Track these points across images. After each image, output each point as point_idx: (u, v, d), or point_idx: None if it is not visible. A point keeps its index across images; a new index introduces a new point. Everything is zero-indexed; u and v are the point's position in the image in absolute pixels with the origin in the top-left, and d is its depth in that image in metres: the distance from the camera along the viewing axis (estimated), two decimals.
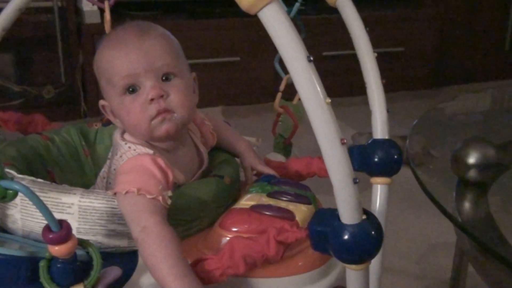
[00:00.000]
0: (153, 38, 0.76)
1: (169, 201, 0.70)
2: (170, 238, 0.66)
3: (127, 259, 0.70)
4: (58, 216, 0.59)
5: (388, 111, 0.83)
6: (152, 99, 0.75)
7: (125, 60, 0.75)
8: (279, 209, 0.74)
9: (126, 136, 0.80)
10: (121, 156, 0.76)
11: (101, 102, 0.82)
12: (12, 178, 0.59)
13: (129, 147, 0.77)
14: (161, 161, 0.74)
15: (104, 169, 0.87)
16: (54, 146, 0.90)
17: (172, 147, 0.81)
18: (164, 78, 0.76)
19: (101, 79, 0.79)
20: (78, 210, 0.70)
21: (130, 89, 0.76)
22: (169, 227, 0.68)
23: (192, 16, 2.61)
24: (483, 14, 3.10)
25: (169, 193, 0.71)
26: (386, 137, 0.83)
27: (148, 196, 0.69)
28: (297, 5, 0.94)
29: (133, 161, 0.75)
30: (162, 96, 0.75)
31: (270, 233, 0.66)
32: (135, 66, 0.75)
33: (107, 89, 0.78)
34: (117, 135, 0.81)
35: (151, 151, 0.76)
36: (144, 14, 2.57)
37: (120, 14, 2.33)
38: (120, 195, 0.69)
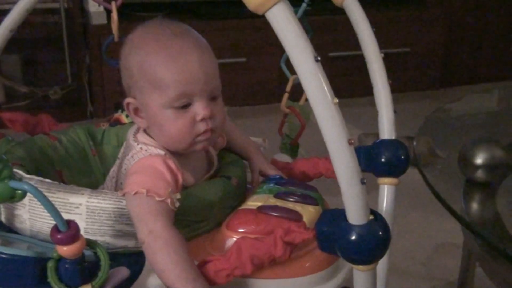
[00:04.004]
0: (208, 54, 0.76)
1: (177, 204, 0.70)
2: (178, 242, 0.66)
3: (134, 260, 0.70)
4: (66, 216, 0.59)
5: (395, 111, 0.83)
6: (203, 119, 0.75)
7: (186, 76, 0.73)
8: (286, 210, 0.74)
9: (139, 136, 0.79)
10: (132, 157, 0.76)
11: (128, 100, 0.79)
12: (20, 179, 0.60)
13: (141, 148, 0.77)
14: (171, 163, 0.74)
15: (114, 168, 0.86)
16: (62, 146, 0.90)
17: (184, 151, 0.80)
18: (212, 97, 0.77)
19: (140, 79, 0.76)
20: (86, 211, 0.70)
21: (182, 105, 0.75)
22: (176, 231, 0.68)
23: (199, 17, 2.61)
24: (489, 14, 3.09)
25: (178, 195, 0.71)
26: (393, 138, 0.82)
27: (157, 198, 0.69)
28: (303, 5, 0.94)
29: (144, 162, 0.74)
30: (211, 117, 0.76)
31: (277, 233, 0.66)
32: (194, 84, 0.74)
33: (147, 91, 0.76)
34: (130, 135, 0.81)
35: (162, 152, 0.76)
36: (151, 15, 2.56)
37: (127, 15, 2.33)
38: (129, 195, 0.69)
